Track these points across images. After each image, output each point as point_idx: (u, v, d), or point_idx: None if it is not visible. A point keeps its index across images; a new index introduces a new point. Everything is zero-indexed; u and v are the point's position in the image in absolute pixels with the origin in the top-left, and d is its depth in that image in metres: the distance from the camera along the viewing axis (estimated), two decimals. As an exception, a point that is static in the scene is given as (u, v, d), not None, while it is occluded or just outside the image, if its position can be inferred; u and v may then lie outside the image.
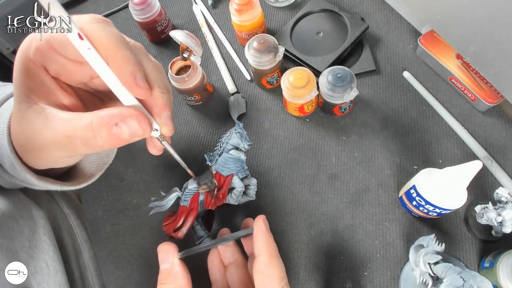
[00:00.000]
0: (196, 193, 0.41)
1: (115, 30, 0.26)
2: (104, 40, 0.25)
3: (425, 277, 0.38)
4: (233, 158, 0.43)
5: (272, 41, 0.53)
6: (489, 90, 0.49)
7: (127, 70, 0.25)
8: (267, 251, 0.34)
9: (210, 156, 0.45)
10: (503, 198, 0.40)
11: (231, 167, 0.43)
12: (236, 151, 0.44)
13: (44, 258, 0.40)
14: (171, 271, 0.34)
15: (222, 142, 0.45)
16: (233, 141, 0.44)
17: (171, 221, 0.43)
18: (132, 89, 0.26)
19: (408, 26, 0.60)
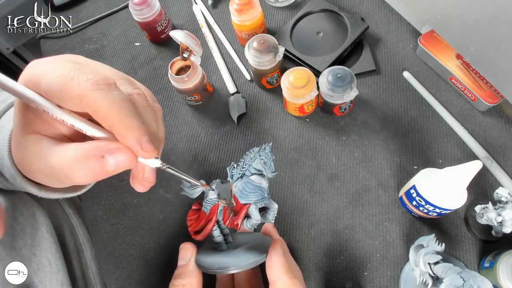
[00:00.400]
0: (216, 204, 0.40)
1: (116, 94, 0.25)
2: (106, 110, 0.24)
3: (425, 277, 0.38)
4: (253, 185, 0.38)
5: (272, 41, 0.53)
6: (489, 90, 0.49)
7: (132, 138, 0.25)
8: (287, 274, 0.34)
9: (232, 170, 0.41)
10: (503, 198, 0.40)
11: (250, 196, 0.38)
12: (258, 177, 0.39)
13: (46, 256, 0.40)
14: (186, 269, 0.38)
15: (245, 162, 0.40)
16: (256, 165, 0.39)
17: (194, 218, 0.42)
18: (140, 154, 0.26)
19: (408, 26, 0.60)
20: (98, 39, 0.70)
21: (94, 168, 0.25)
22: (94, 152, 0.25)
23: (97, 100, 0.24)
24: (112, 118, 0.25)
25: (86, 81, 0.24)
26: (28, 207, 0.43)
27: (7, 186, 0.36)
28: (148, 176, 0.29)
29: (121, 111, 0.25)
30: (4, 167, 0.31)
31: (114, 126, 0.25)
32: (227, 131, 0.57)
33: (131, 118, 0.25)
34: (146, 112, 0.28)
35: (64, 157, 0.25)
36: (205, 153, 0.56)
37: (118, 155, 0.25)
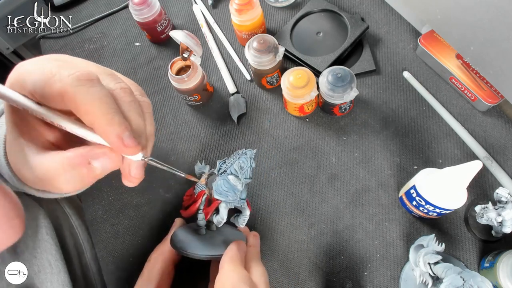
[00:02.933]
0: (202, 190, 0.43)
1: (98, 90, 0.25)
2: (87, 106, 0.24)
3: (425, 277, 0.38)
4: (229, 184, 0.40)
5: (272, 41, 0.53)
6: (489, 90, 0.49)
7: (113, 134, 0.25)
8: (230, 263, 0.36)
9: (222, 164, 0.43)
10: (503, 198, 0.41)
11: (222, 194, 0.40)
12: (235, 178, 0.40)
13: (47, 258, 0.40)
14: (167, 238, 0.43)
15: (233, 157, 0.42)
16: (236, 166, 0.40)
17: (189, 195, 0.45)
18: (121, 149, 0.25)
19: (408, 26, 0.60)
20: (98, 39, 0.70)
21: (82, 175, 0.25)
22: (79, 159, 0.25)
23: (78, 96, 0.24)
24: (93, 114, 0.24)
25: (68, 77, 0.24)
26: (30, 209, 0.43)
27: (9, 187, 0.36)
28: (134, 172, 0.28)
29: (101, 107, 0.24)
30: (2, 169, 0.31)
31: (95, 122, 0.24)
32: (227, 131, 0.57)
33: (112, 114, 0.25)
34: (130, 107, 0.28)
35: (50, 168, 0.25)
36: (205, 153, 0.56)
37: (103, 158, 0.25)
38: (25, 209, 0.42)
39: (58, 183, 0.25)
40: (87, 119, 0.25)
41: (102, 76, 0.28)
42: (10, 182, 0.33)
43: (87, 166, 0.25)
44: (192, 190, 0.45)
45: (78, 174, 0.25)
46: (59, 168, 0.25)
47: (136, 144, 0.26)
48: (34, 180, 0.26)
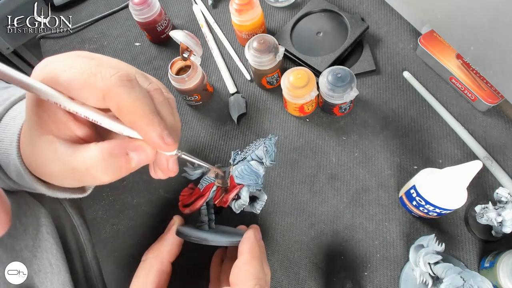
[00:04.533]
0: (211, 182, 0.43)
1: (139, 91, 0.26)
2: (130, 106, 0.25)
3: (425, 277, 0.38)
4: (250, 169, 0.42)
5: (272, 41, 0.53)
6: (489, 90, 0.49)
7: (154, 133, 0.26)
8: (250, 252, 0.36)
9: (236, 155, 0.45)
10: (503, 198, 0.41)
11: (245, 178, 0.42)
12: (257, 163, 0.42)
13: (47, 257, 0.40)
14: (163, 237, 0.43)
15: (250, 148, 0.44)
16: (258, 152, 0.43)
17: (187, 194, 0.45)
18: (162, 148, 0.27)
19: (408, 26, 0.60)
20: (98, 39, 0.70)
21: (120, 165, 0.26)
22: (118, 150, 0.26)
23: (121, 95, 0.25)
24: (134, 114, 0.26)
25: (110, 77, 0.25)
26: (31, 207, 0.43)
27: (11, 186, 0.36)
28: (172, 166, 0.31)
29: (143, 108, 0.26)
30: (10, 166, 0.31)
31: (136, 121, 0.26)
32: (227, 131, 0.57)
33: (153, 115, 0.26)
34: (163, 107, 0.29)
35: (89, 157, 0.26)
36: (205, 153, 0.56)
37: (140, 151, 0.27)
38: (26, 208, 0.42)
39: (96, 172, 0.26)
40: (128, 119, 0.26)
41: (137, 76, 0.29)
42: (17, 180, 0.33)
43: (125, 157, 0.26)
44: (188, 190, 0.46)
45: (116, 163, 0.26)
46: (98, 158, 0.26)
47: (174, 142, 0.27)
48: (67, 172, 0.26)
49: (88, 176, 0.26)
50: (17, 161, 0.30)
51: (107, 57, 0.29)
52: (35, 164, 0.29)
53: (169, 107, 0.30)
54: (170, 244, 0.42)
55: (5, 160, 0.31)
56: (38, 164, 0.28)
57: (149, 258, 0.42)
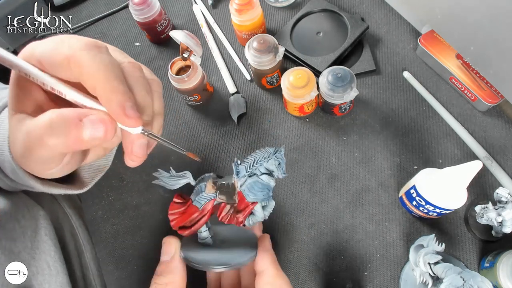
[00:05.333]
0: (212, 199, 0.39)
1: (105, 57, 0.25)
2: (92, 70, 0.24)
3: (425, 277, 0.38)
4: (262, 184, 0.39)
5: (272, 41, 0.53)
6: (489, 90, 0.49)
7: (115, 101, 0.24)
8: (274, 265, 0.35)
9: (237, 167, 0.40)
10: (503, 198, 0.40)
11: (257, 194, 0.39)
12: (267, 176, 0.39)
13: (45, 259, 0.40)
14: (169, 265, 0.37)
15: (256, 161, 0.40)
16: (269, 166, 0.39)
17: (178, 212, 0.40)
18: (122, 119, 0.25)
19: (408, 26, 0.60)
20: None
21: (69, 131, 0.23)
22: (71, 113, 0.24)
23: (84, 60, 0.24)
24: (97, 79, 0.24)
25: (76, 42, 0.24)
26: (29, 209, 0.42)
27: (9, 185, 0.36)
28: (136, 150, 0.27)
29: (107, 73, 0.24)
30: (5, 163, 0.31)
31: (98, 87, 0.24)
32: (227, 131, 0.57)
33: (118, 82, 0.24)
34: (138, 82, 0.27)
35: (40, 119, 0.24)
36: (205, 153, 0.56)
37: (97, 122, 0.24)
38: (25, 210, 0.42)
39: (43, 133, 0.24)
40: (91, 83, 0.24)
41: (113, 52, 0.28)
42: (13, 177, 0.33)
43: (76, 122, 0.23)
44: (176, 206, 0.41)
45: (65, 126, 0.23)
46: (48, 120, 0.24)
47: (138, 116, 0.25)
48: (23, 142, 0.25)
49: (36, 139, 0.24)
50: (9, 156, 0.30)
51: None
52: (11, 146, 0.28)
53: (145, 84, 0.28)
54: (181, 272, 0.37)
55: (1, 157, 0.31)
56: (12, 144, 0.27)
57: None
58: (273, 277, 0.34)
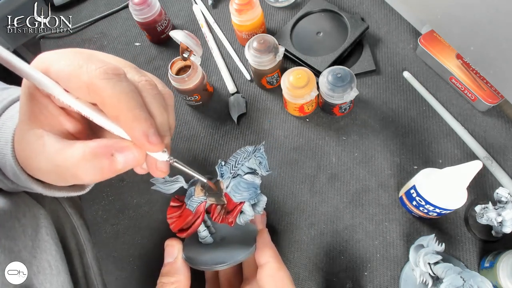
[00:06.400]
0: (203, 202, 0.40)
1: (125, 85, 0.25)
2: (114, 100, 0.24)
3: (425, 277, 0.38)
4: (247, 183, 0.39)
5: (272, 41, 0.53)
6: (489, 90, 0.49)
7: (139, 130, 0.25)
8: (275, 258, 0.36)
9: (221, 168, 0.40)
10: (503, 198, 0.40)
11: (244, 194, 0.39)
12: (251, 175, 0.40)
13: (46, 258, 0.40)
14: (174, 266, 0.38)
15: (237, 161, 0.40)
16: (250, 165, 0.40)
17: (176, 215, 0.42)
18: (145, 146, 0.26)
19: (408, 26, 0.60)
20: (98, 39, 0.70)
21: (103, 166, 0.25)
22: (103, 150, 0.25)
23: (105, 89, 0.24)
24: (119, 108, 0.24)
25: (95, 70, 0.24)
26: (30, 208, 0.43)
27: (10, 187, 0.36)
28: (160, 166, 0.29)
29: (128, 102, 0.25)
30: (6, 166, 0.31)
31: (120, 116, 0.25)
32: (227, 131, 0.57)
33: (139, 110, 0.25)
34: (155, 100, 0.28)
35: (71, 155, 0.25)
36: (205, 153, 0.56)
37: (127, 153, 0.25)
38: (26, 208, 0.42)
39: (77, 171, 0.25)
40: (113, 113, 0.25)
41: (127, 69, 0.28)
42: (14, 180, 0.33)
43: (109, 158, 0.25)
44: (173, 210, 0.42)
45: (99, 164, 0.24)
46: (81, 156, 0.24)
47: (160, 142, 0.26)
48: (50, 169, 0.26)
49: (70, 175, 0.25)
50: (12, 160, 0.30)
51: (103, 53, 0.28)
52: (24, 159, 0.28)
53: (162, 102, 0.28)
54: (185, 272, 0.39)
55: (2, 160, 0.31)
56: (27, 158, 0.27)
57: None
58: (274, 269, 0.35)
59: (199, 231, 0.41)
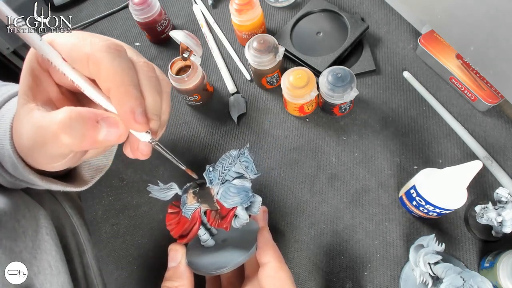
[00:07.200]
0: (197, 208, 0.40)
1: (124, 61, 0.26)
2: (110, 72, 0.25)
3: (425, 277, 0.38)
4: (236, 188, 0.38)
5: (272, 41, 0.53)
6: (489, 90, 0.49)
7: (127, 105, 0.25)
8: (276, 258, 0.35)
9: (210, 174, 0.40)
10: (503, 198, 0.40)
11: (235, 199, 0.38)
12: (240, 180, 0.39)
13: (46, 259, 0.40)
14: (177, 270, 0.38)
15: (224, 167, 0.40)
16: (237, 169, 0.39)
17: (174, 222, 0.42)
18: (131, 123, 0.26)
19: (408, 26, 0.60)
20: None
21: (85, 132, 0.24)
22: (89, 114, 0.25)
23: (104, 61, 0.25)
24: (113, 81, 0.25)
25: (99, 42, 0.25)
26: (30, 209, 0.42)
27: (8, 180, 0.36)
28: (142, 148, 0.29)
29: (123, 77, 0.25)
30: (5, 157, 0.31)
31: (112, 89, 0.25)
32: (227, 131, 0.57)
33: (131, 87, 0.25)
34: (150, 82, 0.28)
35: (55, 116, 0.24)
36: (205, 153, 0.56)
37: (111, 124, 0.25)
38: (25, 209, 0.42)
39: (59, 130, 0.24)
40: (106, 85, 0.25)
41: (129, 51, 0.28)
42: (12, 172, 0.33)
43: (94, 124, 0.25)
44: (172, 216, 0.42)
45: (82, 127, 0.24)
46: (67, 115, 0.24)
47: (145, 122, 0.26)
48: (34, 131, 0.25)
49: (51, 135, 0.25)
50: (10, 150, 0.30)
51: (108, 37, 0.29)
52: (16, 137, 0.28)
53: (157, 86, 0.29)
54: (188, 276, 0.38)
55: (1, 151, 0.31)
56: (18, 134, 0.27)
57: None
58: (275, 270, 0.35)
59: (199, 235, 0.41)
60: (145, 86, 0.27)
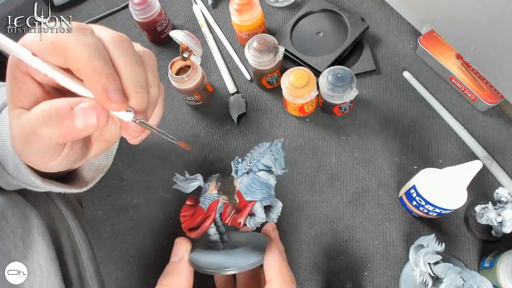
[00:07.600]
0: (215, 200, 0.38)
1: (89, 38, 0.24)
2: (76, 52, 0.23)
3: (425, 277, 0.38)
4: (260, 182, 0.37)
5: (272, 41, 0.53)
6: (489, 90, 0.49)
7: (98, 84, 0.24)
8: (279, 276, 0.33)
9: (237, 165, 0.38)
10: (503, 198, 0.41)
11: (256, 193, 0.37)
12: (265, 173, 0.37)
13: (37, 260, 0.39)
14: (177, 267, 0.36)
15: (253, 157, 0.38)
16: (265, 161, 0.37)
17: (189, 214, 0.40)
18: (106, 103, 0.24)
19: (408, 26, 0.60)
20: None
21: (62, 120, 0.23)
22: (62, 103, 0.24)
23: (68, 42, 0.24)
24: (80, 60, 0.23)
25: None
26: (20, 208, 0.42)
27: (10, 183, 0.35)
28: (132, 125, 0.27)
29: (90, 54, 0.23)
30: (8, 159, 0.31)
31: (82, 70, 0.24)
32: (227, 131, 0.57)
33: (101, 63, 0.24)
34: (125, 53, 0.26)
35: (32, 112, 0.24)
36: (205, 153, 0.56)
37: (87, 108, 0.24)
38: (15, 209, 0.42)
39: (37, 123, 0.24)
40: (75, 66, 0.24)
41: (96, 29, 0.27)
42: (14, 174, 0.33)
43: (69, 112, 0.24)
44: (188, 208, 0.41)
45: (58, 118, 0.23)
46: (40, 110, 0.24)
47: (122, 100, 0.24)
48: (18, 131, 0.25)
49: (31, 131, 0.24)
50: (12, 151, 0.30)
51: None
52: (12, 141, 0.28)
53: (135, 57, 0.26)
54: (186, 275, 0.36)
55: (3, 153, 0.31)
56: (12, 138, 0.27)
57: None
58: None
59: (209, 234, 0.39)
60: (120, 59, 0.25)
